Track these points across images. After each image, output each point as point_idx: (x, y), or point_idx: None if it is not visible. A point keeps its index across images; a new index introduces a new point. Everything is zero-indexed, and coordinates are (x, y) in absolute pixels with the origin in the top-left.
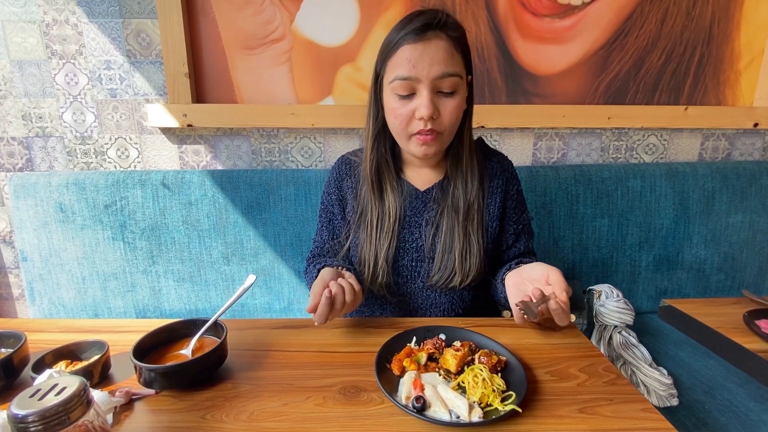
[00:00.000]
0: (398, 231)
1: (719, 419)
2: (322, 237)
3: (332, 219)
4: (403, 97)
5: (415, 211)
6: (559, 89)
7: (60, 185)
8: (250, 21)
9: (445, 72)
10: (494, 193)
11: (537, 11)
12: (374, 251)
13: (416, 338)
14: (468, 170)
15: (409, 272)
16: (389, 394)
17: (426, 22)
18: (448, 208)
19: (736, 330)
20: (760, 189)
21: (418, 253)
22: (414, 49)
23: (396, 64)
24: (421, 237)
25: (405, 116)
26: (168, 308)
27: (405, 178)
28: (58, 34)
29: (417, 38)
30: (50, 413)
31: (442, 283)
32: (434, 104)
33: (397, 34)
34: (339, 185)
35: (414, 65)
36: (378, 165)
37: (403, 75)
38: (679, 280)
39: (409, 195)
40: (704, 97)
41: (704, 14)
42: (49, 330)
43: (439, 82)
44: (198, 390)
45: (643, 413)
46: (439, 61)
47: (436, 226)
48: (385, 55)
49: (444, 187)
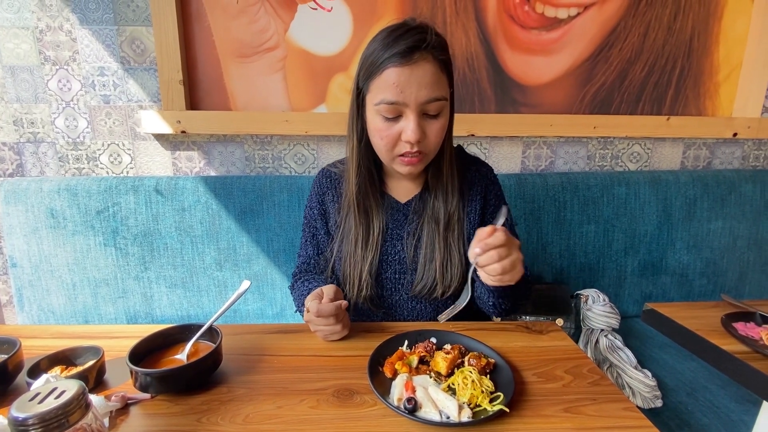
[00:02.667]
0: (381, 244)
1: (701, 420)
2: (307, 252)
3: (316, 234)
4: (389, 119)
5: (397, 223)
6: (547, 99)
7: (51, 191)
8: (245, 30)
9: (432, 97)
10: (473, 201)
11: (525, 24)
12: (358, 266)
13: (408, 342)
14: (448, 181)
15: (392, 284)
16: (381, 396)
17: (414, 44)
18: (428, 219)
19: (715, 332)
20: (739, 196)
21: (401, 265)
22: (401, 73)
23: (382, 86)
24: (404, 249)
25: (391, 137)
26: (160, 314)
27: (386, 191)
28: (52, 40)
29: (403, 61)
30: (50, 416)
31: (424, 293)
32: (421, 128)
33: (382, 53)
34: (321, 199)
35: (401, 90)
36: (362, 188)
37: (390, 99)
38: (663, 284)
39: (390, 207)
40: (685, 108)
41: (684, 28)
42: (42, 336)
43: (425, 106)
44: (193, 394)
45: (625, 412)
46: (426, 86)
47: (418, 237)
48: (369, 74)
49: (424, 198)
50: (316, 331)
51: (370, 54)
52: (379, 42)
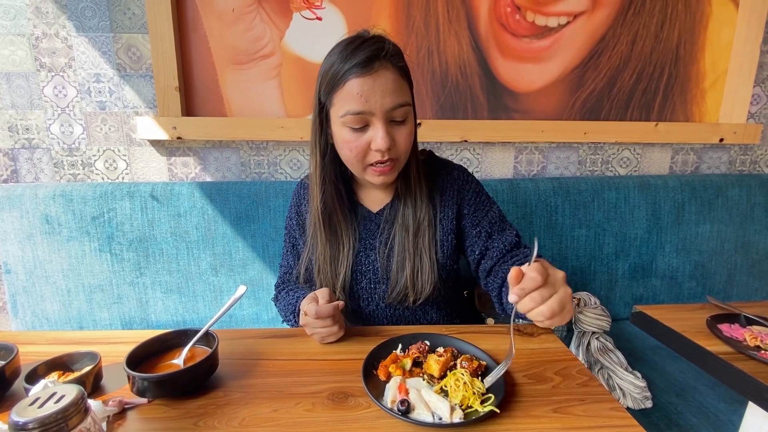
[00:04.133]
0: (353, 257)
1: (690, 420)
2: (288, 262)
3: (295, 244)
4: (356, 130)
5: (369, 233)
6: (538, 105)
7: (46, 197)
8: (241, 37)
9: (397, 103)
10: (446, 206)
11: (516, 32)
12: (330, 283)
13: (402, 345)
14: (416, 187)
15: (368, 294)
16: (375, 399)
17: (372, 54)
18: (399, 227)
19: (700, 334)
20: (726, 200)
21: (374, 275)
22: (363, 83)
23: (346, 97)
24: (377, 259)
25: (360, 148)
26: (155, 320)
27: (358, 200)
28: (48, 47)
29: (365, 71)
30: (50, 420)
31: (398, 301)
32: (390, 135)
33: (341, 66)
34: (298, 210)
35: (366, 99)
36: (328, 205)
37: (356, 110)
38: (653, 287)
39: (363, 218)
40: (673, 114)
41: (671, 37)
42: (38, 342)
43: (391, 113)
44: (190, 398)
45: (612, 412)
46: (389, 93)
47: (390, 246)
48: (330, 87)
49: (395, 206)
50: (313, 334)
51: (330, 67)
52: (337, 55)
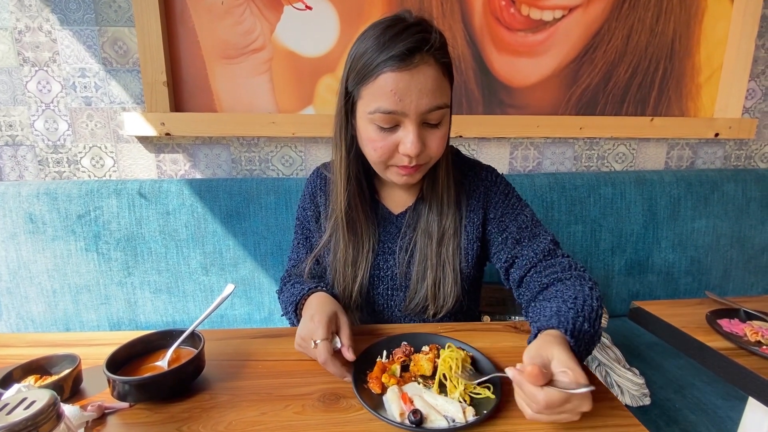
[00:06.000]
0: (372, 260)
1: (689, 416)
2: (299, 255)
3: (309, 236)
4: (384, 129)
5: (389, 236)
6: (534, 100)
7: (30, 195)
8: (230, 31)
9: (435, 105)
10: (472, 211)
11: (511, 26)
12: (348, 286)
13: (386, 352)
14: (444, 191)
15: (384, 300)
16: (381, 415)
17: (413, 46)
18: (421, 233)
19: (700, 329)
20: (722, 195)
21: (393, 281)
22: (399, 79)
23: (377, 92)
24: (396, 264)
25: (386, 149)
26: (144, 320)
27: (379, 200)
28: (31, 41)
29: (402, 65)
30: (18, 428)
31: (417, 312)
32: (421, 140)
33: (376, 55)
34: (314, 200)
35: (400, 98)
36: (352, 202)
37: (388, 108)
38: (650, 283)
39: (383, 219)
40: (668, 109)
41: (666, 31)
42: (17, 345)
43: (426, 115)
44: (174, 402)
45: (612, 410)
46: (427, 93)
47: (411, 253)
48: (360, 78)
49: (418, 209)
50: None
51: (362, 54)
52: (372, 40)
